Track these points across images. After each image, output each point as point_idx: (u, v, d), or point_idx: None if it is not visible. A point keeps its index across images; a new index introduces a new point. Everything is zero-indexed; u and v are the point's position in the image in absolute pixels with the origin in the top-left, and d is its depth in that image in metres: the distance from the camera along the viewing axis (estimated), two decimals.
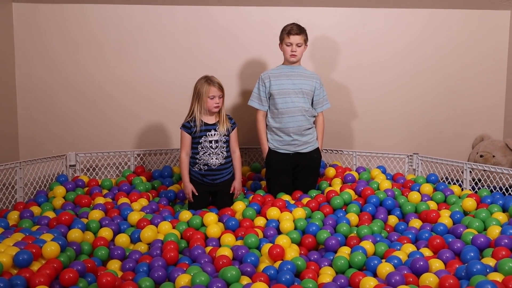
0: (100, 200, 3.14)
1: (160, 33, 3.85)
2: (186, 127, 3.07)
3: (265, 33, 3.82)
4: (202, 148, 3.06)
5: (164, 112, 3.90)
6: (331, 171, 3.58)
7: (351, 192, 3.15)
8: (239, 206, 3.04)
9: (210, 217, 2.80)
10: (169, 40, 3.86)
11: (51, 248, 2.24)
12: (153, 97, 3.89)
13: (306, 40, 3.20)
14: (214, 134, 3.06)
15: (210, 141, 3.05)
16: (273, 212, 2.89)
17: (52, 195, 3.28)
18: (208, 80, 3.03)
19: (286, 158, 3.26)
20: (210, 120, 3.08)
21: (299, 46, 3.18)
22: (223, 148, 3.09)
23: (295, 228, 2.76)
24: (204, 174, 3.09)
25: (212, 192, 3.17)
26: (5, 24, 3.65)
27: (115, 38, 3.82)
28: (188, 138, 3.07)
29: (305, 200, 3.11)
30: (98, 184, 3.49)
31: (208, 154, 3.06)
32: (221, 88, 3.03)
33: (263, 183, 3.55)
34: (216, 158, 3.06)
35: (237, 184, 3.18)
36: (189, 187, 3.10)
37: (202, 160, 3.07)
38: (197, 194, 3.10)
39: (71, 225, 2.68)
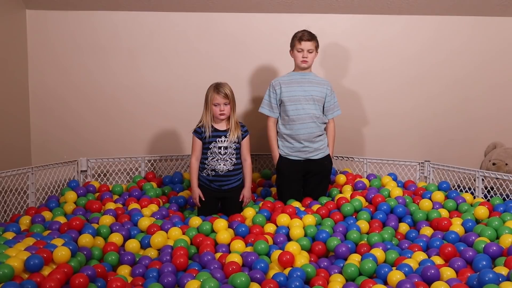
0: (110, 205, 3.15)
1: (170, 40, 3.87)
2: (197, 132, 3.09)
3: (276, 40, 3.83)
4: (211, 153, 3.07)
5: (174, 119, 3.92)
6: (341, 178, 3.56)
7: (362, 199, 3.13)
8: (249, 212, 3.03)
9: (220, 223, 2.80)
10: (179, 47, 3.88)
11: (61, 253, 2.24)
12: (163, 104, 3.91)
13: (317, 47, 3.21)
14: (224, 141, 3.07)
15: (220, 147, 3.06)
16: (283, 219, 2.88)
17: (63, 200, 3.30)
18: (215, 87, 3.05)
19: (297, 165, 3.25)
20: (221, 126, 3.09)
21: (310, 53, 3.18)
22: (233, 155, 3.09)
23: (305, 235, 2.75)
24: (212, 180, 3.10)
25: (221, 198, 3.17)
26: (19, 32, 3.69)
27: (125, 45, 3.85)
28: (198, 143, 3.09)
29: (315, 207, 3.09)
30: (109, 190, 3.51)
31: (216, 160, 3.07)
32: (226, 96, 3.03)
33: (273, 189, 3.54)
34: (224, 164, 3.07)
35: (246, 192, 3.18)
36: (197, 192, 3.12)
37: (210, 166, 3.08)
38: (203, 199, 3.11)
39: (81, 230, 2.69)
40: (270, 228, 2.85)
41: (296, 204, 3.15)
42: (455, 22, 4.00)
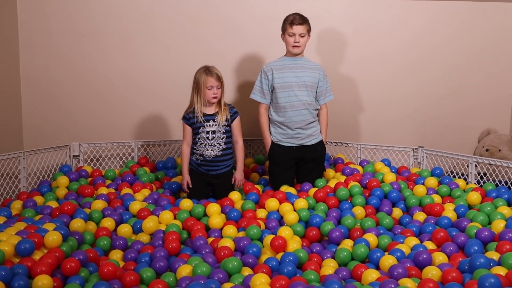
0: (103, 190, 3.13)
1: (164, 24, 3.83)
2: (186, 118, 3.07)
3: (270, 25, 3.78)
4: (199, 139, 3.06)
5: (168, 103, 3.89)
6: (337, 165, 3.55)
7: (359, 185, 3.09)
8: (234, 196, 3.01)
9: (213, 208, 2.79)
10: (173, 31, 3.84)
11: (53, 237, 2.23)
12: (157, 88, 3.88)
13: (309, 31, 3.16)
14: (212, 125, 3.04)
15: (208, 132, 3.04)
16: (272, 203, 2.87)
17: (55, 185, 3.28)
18: (206, 70, 3.01)
19: (290, 151, 3.23)
20: (209, 110, 3.07)
21: (302, 37, 3.13)
22: (221, 139, 3.07)
23: (299, 220, 2.74)
24: (200, 164, 3.10)
25: (210, 183, 3.16)
26: (9, 15, 3.64)
27: (119, 29, 3.80)
28: (188, 129, 3.08)
29: (312, 191, 3.07)
30: (101, 175, 3.49)
31: (204, 145, 3.06)
32: (219, 79, 3.01)
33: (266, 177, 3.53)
34: (211, 150, 3.05)
35: (238, 175, 3.17)
36: (186, 178, 3.13)
37: (198, 151, 3.08)
38: (191, 186, 3.12)
39: (73, 215, 2.68)
40: (262, 213, 2.85)
41: (289, 189, 3.13)
42: (452, 7, 3.96)
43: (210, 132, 3.04)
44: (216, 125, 3.05)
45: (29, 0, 3.70)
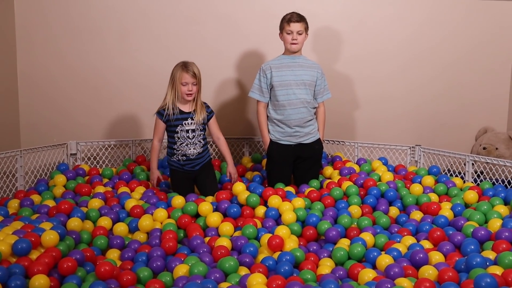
0: (100, 189, 3.13)
1: (162, 21, 3.82)
2: (161, 114, 3.04)
3: (267, 23, 3.78)
4: (178, 138, 3.03)
5: None
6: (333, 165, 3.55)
7: (353, 185, 3.09)
8: (238, 187, 2.94)
9: (206, 206, 2.76)
10: (171, 29, 3.83)
11: (50, 236, 2.23)
12: (154, 86, 3.87)
13: (306, 29, 3.16)
14: (191, 123, 3.02)
15: (187, 131, 3.02)
16: (274, 200, 2.84)
17: (52, 183, 3.28)
18: (183, 65, 2.98)
19: (288, 149, 3.24)
20: (186, 108, 3.04)
21: (300, 34, 3.14)
22: (200, 136, 3.07)
23: (296, 219, 2.74)
24: (183, 164, 3.09)
25: (193, 178, 3.16)
26: (6, 12, 3.63)
27: (117, 26, 3.79)
28: (161, 125, 3.05)
29: (307, 190, 3.08)
30: (98, 173, 3.49)
31: (186, 145, 3.04)
32: (195, 76, 2.96)
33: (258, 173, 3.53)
34: (194, 148, 3.05)
35: (231, 168, 3.18)
36: (155, 174, 3.13)
37: (180, 151, 3.05)
38: (162, 180, 3.17)
39: (70, 214, 2.68)
40: (260, 210, 2.83)
41: (286, 188, 3.13)
42: (450, 4, 3.96)
43: (189, 131, 3.02)
44: (194, 123, 3.03)
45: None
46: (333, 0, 3.90)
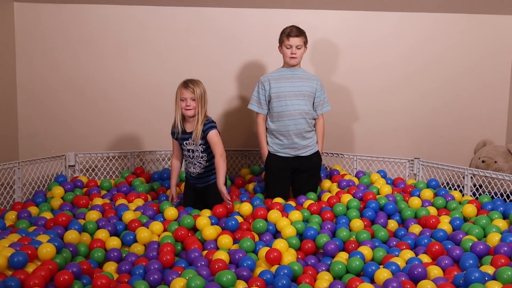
0: (98, 201, 3.12)
1: (160, 34, 3.84)
2: (172, 131, 3.11)
3: (266, 36, 3.80)
4: (184, 155, 3.11)
5: (164, 114, 3.86)
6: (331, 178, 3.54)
7: (356, 199, 3.06)
8: (245, 207, 2.93)
9: (203, 221, 2.74)
10: (169, 42, 3.85)
11: (46, 249, 2.21)
12: (153, 98, 3.88)
13: (305, 42, 3.18)
14: (191, 143, 3.03)
15: (188, 150, 3.04)
16: (274, 215, 2.83)
17: (50, 195, 3.27)
18: (184, 82, 2.99)
19: (286, 162, 3.23)
20: (189, 128, 3.03)
21: (299, 48, 3.16)
22: (200, 158, 3.03)
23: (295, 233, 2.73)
24: (188, 178, 3.15)
25: (201, 193, 3.14)
26: (6, 24, 3.65)
27: (115, 39, 3.81)
28: (174, 142, 3.12)
29: (306, 203, 3.06)
30: (97, 185, 3.48)
31: (188, 163, 3.09)
32: (193, 91, 2.94)
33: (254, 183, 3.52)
34: (194, 168, 3.06)
35: (219, 186, 2.93)
36: (172, 192, 3.17)
37: (185, 166, 3.13)
38: (176, 200, 3.17)
39: (68, 226, 2.66)
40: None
41: (283, 201, 3.12)
42: (448, 19, 3.99)
43: (190, 151, 3.04)
44: (193, 144, 3.02)
45: (25, 10, 3.71)
46: (333, 14, 3.92)
